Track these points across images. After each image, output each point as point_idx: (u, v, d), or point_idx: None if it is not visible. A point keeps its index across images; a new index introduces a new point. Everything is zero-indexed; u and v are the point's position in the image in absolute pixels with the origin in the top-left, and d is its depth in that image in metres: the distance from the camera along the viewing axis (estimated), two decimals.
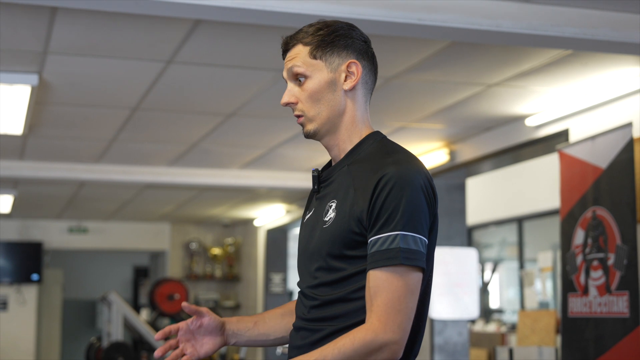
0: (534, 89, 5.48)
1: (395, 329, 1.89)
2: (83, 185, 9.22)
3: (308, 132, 2.11)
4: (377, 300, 1.90)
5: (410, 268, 1.91)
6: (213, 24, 4.28)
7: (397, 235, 1.91)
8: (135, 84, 5.39)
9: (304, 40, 2.09)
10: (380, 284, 1.90)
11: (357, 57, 2.10)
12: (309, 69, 2.07)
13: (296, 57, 2.09)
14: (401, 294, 1.90)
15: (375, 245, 1.92)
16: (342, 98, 2.09)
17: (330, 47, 2.07)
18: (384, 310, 1.89)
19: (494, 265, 10.73)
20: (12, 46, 4.65)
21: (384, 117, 6.29)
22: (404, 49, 4.72)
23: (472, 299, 7.29)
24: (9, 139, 6.85)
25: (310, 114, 2.09)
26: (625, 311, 4.78)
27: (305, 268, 2.10)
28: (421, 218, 1.95)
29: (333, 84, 2.08)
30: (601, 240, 5.03)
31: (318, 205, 2.11)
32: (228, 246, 13.33)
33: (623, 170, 4.90)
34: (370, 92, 2.16)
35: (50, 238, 12.67)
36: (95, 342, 9.59)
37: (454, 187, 7.58)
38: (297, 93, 2.10)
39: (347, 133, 2.11)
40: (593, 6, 4.01)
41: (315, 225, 2.09)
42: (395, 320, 1.89)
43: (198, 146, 7.30)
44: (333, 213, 2.02)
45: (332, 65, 2.07)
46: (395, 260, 1.90)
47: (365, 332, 1.89)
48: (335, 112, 2.09)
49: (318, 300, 2.03)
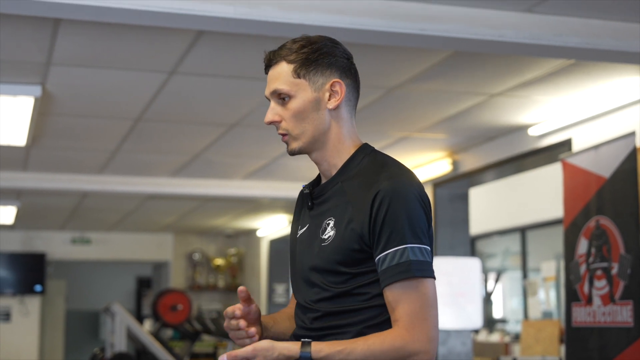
0: (536, 98, 5.48)
1: (424, 338, 1.91)
2: (86, 196, 9.22)
3: (292, 150, 2.13)
4: (399, 312, 1.92)
5: (423, 279, 1.93)
6: (215, 35, 4.28)
7: (405, 248, 1.92)
8: (138, 94, 5.39)
9: (287, 58, 2.07)
10: (399, 297, 1.92)
11: (341, 75, 2.09)
12: (292, 89, 2.07)
13: (279, 76, 2.08)
14: (423, 304, 1.93)
15: (386, 262, 1.93)
16: (327, 116, 2.09)
17: (314, 66, 2.06)
18: (409, 321, 1.91)
19: (497, 275, 10.71)
20: (15, 58, 4.66)
21: (387, 127, 6.29)
22: (407, 59, 4.72)
23: (475, 308, 7.28)
24: (12, 150, 6.86)
25: (294, 133, 2.09)
26: (629, 321, 4.77)
27: (304, 283, 2.11)
28: (422, 228, 1.97)
29: (317, 103, 2.07)
30: (605, 250, 5.01)
31: (313, 222, 2.12)
32: (231, 257, 13.32)
33: (626, 179, 4.89)
34: (354, 108, 2.15)
35: (53, 249, 12.67)
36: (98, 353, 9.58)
37: (456, 197, 7.57)
38: (280, 112, 2.09)
39: (335, 149, 2.11)
40: (595, 16, 4.01)
41: (312, 243, 2.09)
42: (422, 330, 1.91)
43: (201, 157, 7.30)
44: (332, 231, 2.03)
45: (316, 84, 2.07)
46: (408, 273, 1.91)
47: (394, 338, 1.90)
48: (319, 130, 2.09)
49: (320, 312, 2.04)
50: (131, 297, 15.83)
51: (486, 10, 3.90)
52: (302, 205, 2.22)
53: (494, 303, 10.73)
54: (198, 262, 13.21)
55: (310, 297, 2.07)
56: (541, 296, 9.26)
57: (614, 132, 5.25)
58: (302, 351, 1.89)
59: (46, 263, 12.56)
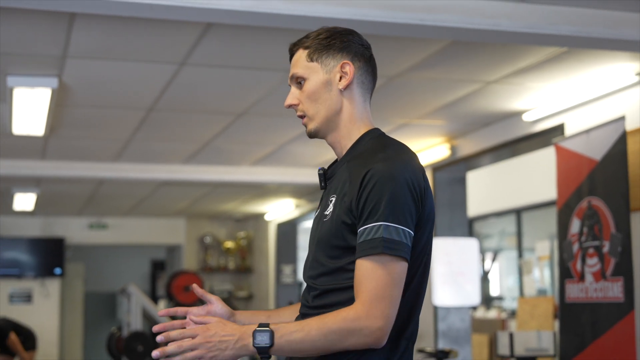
0: (531, 85, 5.46)
1: (378, 315, 1.88)
2: (102, 183, 9.23)
3: (310, 131, 2.16)
4: (362, 287, 1.90)
5: (393, 258, 1.90)
6: (224, 27, 4.27)
7: (380, 225, 1.90)
8: (150, 85, 5.39)
9: (304, 45, 2.13)
10: (365, 272, 1.90)
11: (352, 58, 2.11)
12: (306, 72, 2.11)
13: (296, 62, 2.14)
14: (385, 283, 1.89)
15: (362, 236, 1.92)
16: (338, 97, 2.11)
17: (326, 50, 2.10)
18: (368, 297, 1.88)
19: (494, 255, 10.71)
20: (33, 51, 4.66)
21: (388, 114, 6.28)
22: (406, 49, 4.71)
23: (473, 287, 7.28)
24: (31, 140, 6.86)
25: (309, 113, 2.13)
26: (619, 296, 4.77)
27: (309, 260, 2.12)
28: (404, 211, 1.93)
29: (329, 84, 2.10)
30: (596, 229, 5.01)
31: (323, 201, 2.14)
32: (240, 240, 13.34)
33: (617, 161, 4.89)
34: (369, 91, 2.16)
35: (71, 234, 12.70)
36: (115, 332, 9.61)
37: (455, 181, 7.56)
38: (298, 95, 2.14)
39: (347, 130, 2.12)
40: (587, 5, 3.99)
41: (319, 220, 2.10)
42: (378, 307, 1.88)
43: (211, 144, 7.30)
44: (332, 207, 2.04)
45: (327, 67, 2.10)
46: (377, 249, 1.89)
47: (348, 312, 1.88)
48: (332, 110, 2.11)
49: (318, 290, 2.04)
50: (146, 279, 15.87)
51: (482, 0, 3.89)
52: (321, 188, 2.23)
53: (491, 281, 10.74)
54: (209, 245, 13.23)
55: (312, 273, 2.07)
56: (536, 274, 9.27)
57: (604, 117, 5.24)
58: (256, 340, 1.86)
59: (65, 247, 12.58)
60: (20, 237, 12.36)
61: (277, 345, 1.87)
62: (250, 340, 1.87)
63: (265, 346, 1.86)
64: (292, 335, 1.87)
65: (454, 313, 7.38)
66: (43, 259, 12.45)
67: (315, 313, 2.01)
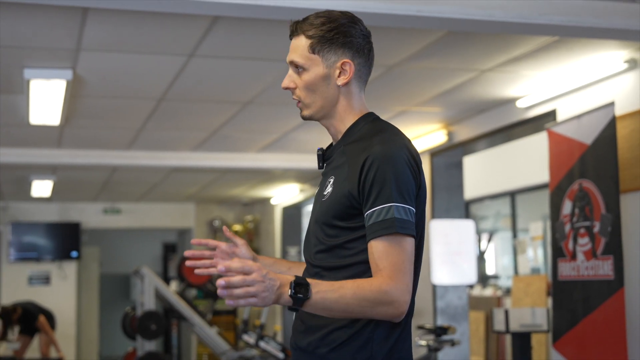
0: (524, 73, 5.45)
1: (405, 289, 1.90)
2: (116, 170, 9.24)
3: (304, 117, 2.15)
4: (383, 263, 1.91)
5: (404, 236, 1.92)
6: (230, 20, 4.26)
7: (390, 206, 1.92)
8: (161, 76, 5.38)
9: (307, 33, 2.08)
10: (383, 250, 1.91)
11: (353, 55, 2.08)
12: (307, 62, 2.08)
13: (297, 48, 2.09)
14: (404, 259, 1.92)
15: (372, 217, 1.93)
16: (336, 91, 2.09)
17: (329, 45, 2.06)
18: (392, 271, 1.90)
19: (490, 236, 10.71)
20: (48, 45, 4.65)
21: (387, 102, 6.27)
22: (404, 39, 4.70)
23: (470, 266, 7.30)
24: (47, 130, 6.87)
25: (305, 102, 2.11)
26: (610, 274, 4.78)
27: (309, 238, 2.12)
28: (409, 190, 1.95)
29: (327, 78, 2.08)
30: (587, 210, 5.01)
31: (322, 181, 2.14)
32: (248, 223, 13.35)
33: (607, 145, 4.88)
34: (365, 82, 2.15)
35: (87, 219, 12.72)
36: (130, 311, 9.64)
37: (452, 165, 7.56)
38: (295, 79, 2.11)
39: (341, 118, 2.12)
40: None
41: (318, 200, 2.11)
42: (403, 281, 1.90)
43: (219, 132, 7.30)
44: (330, 188, 2.04)
45: (328, 61, 2.07)
46: (391, 229, 1.90)
47: (381, 282, 1.89)
48: (328, 102, 2.10)
49: (318, 267, 2.05)
50: (158, 261, 15.90)
51: None
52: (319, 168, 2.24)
53: (487, 261, 10.74)
54: (218, 228, 13.24)
55: (311, 250, 2.08)
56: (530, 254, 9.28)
57: (594, 103, 5.23)
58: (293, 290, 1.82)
59: (81, 231, 12.60)
60: (38, 222, 12.38)
61: (312, 300, 1.84)
62: (287, 289, 1.82)
63: (300, 298, 1.82)
64: (327, 294, 1.85)
65: (452, 291, 7.40)
66: (60, 243, 12.48)
67: None
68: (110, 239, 15.14)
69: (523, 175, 9.26)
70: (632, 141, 4.90)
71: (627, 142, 4.92)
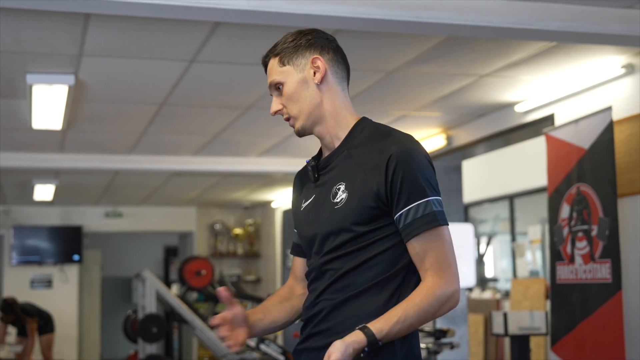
0: (522, 78, 5.46)
1: (453, 279, 1.96)
2: (117, 174, 9.24)
3: (298, 130, 2.15)
4: (429, 260, 1.95)
5: (444, 227, 1.97)
6: (231, 26, 4.27)
7: (427, 201, 1.96)
8: (162, 81, 5.39)
9: (274, 53, 2.14)
10: (427, 246, 1.95)
11: (321, 52, 2.11)
12: (282, 76, 2.11)
13: (271, 70, 2.14)
14: (447, 250, 1.96)
15: (409, 215, 1.95)
16: (317, 91, 2.10)
17: (294, 51, 2.10)
18: (438, 267, 1.95)
19: (489, 239, 10.72)
20: (50, 50, 4.66)
21: (387, 107, 6.28)
22: (404, 45, 4.71)
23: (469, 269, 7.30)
24: (50, 134, 6.87)
25: (293, 113, 2.12)
26: (607, 277, 4.78)
27: (318, 249, 2.09)
28: (435, 182, 2.01)
29: (305, 82, 2.10)
30: (585, 214, 5.02)
31: (320, 192, 2.11)
32: (249, 226, 13.35)
33: (604, 150, 4.89)
34: (344, 80, 2.16)
35: (89, 222, 12.72)
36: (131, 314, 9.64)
37: (451, 169, 7.57)
38: (280, 100, 2.14)
39: (334, 120, 2.12)
40: (575, 2, 3.99)
41: (320, 210, 2.08)
42: (449, 273, 1.96)
43: (220, 137, 7.31)
44: (344, 194, 2.02)
45: (299, 66, 2.10)
46: (434, 222, 1.95)
47: (434, 288, 1.94)
48: (313, 105, 2.10)
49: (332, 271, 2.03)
50: (159, 264, 15.90)
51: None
52: (304, 180, 2.22)
53: (486, 264, 10.75)
54: (219, 231, 13.24)
55: (326, 258, 2.05)
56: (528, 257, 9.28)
57: (592, 108, 5.24)
58: (367, 338, 1.88)
59: (83, 235, 12.60)
60: (40, 225, 12.39)
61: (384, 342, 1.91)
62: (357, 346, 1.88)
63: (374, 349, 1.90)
64: (397, 334, 1.92)
65: None
66: (62, 247, 12.48)
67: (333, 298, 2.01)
68: (112, 243, 15.14)
69: (521, 179, 9.26)
70: (629, 145, 4.91)
71: (624, 146, 4.93)
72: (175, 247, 15.28)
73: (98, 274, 14.31)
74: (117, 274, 15.49)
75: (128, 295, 15.71)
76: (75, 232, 12.53)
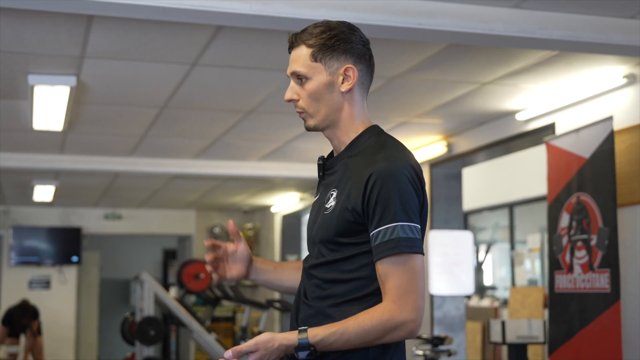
0: (523, 86, 5.46)
1: (409, 309, 1.90)
2: (117, 176, 9.24)
3: (308, 127, 2.11)
4: (388, 285, 1.91)
5: (410, 254, 1.91)
6: (233, 30, 4.28)
7: (395, 226, 1.90)
8: (164, 84, 5.39)
9: (307, 42, 2.05)
10: (388, 271, 1.91)
11: (355, 61, 2.06)
12: (309, 71, 2.05)
13: (298, 58, 2.06)
14: (410, 277, 1.90)
15: (378, 238, 1.92)
16: (340, 98, 2.07)
17: (330, 52, 2.04)
18: (397, 293, 1.90)
19: (488, 247, 10.72)
20: (52, 51, 4.66)
21: (388, 113, 6.28)
22: (406, 51, 4.71)
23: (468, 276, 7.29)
24: (50, 135, 6.87)
25: (310, 111, 2.08)
26: (606, 287, 4.77)
27: (310, 249, 2.11)
28: (412, 207, 1.94)
29: (331, 86, 2.05)
30: (585, 223, 5.01)
31: (322, 191, 2.12)
32: (248, 230, 13.35)
33: (604, 159, 4.89)
34: (366, 90, 2.13)
35: (88, 224, 12.72)
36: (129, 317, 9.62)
37: (451, 176, 7.56)
38: (298, 91, 2.08)
39: (345, 128, 2.09)
40: (577, 11, 3.99)
41: (318, 211, 2.09)
42: (408, 301, 1.90)
43: (220, 140, 7.31)
44: (333, 202, 2.02)
45: (331, 68, 2.04)
46: (397, 249, 1.90)
47: (382, 311, 1.90)
48: (332, 110, 2.07)
49: (316, 279, 2.04)
50: (158, 267, 15.89)
51: (478, 6, 3.89)
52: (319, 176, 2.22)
53: (485, 272, 10.74)
54: (218, 235, 13.23)
55: (311, 262, 2.07)
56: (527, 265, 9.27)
57: (593, 117, 5.24)
58: (299, 338, 1.90)
59: (82, 237, 12.59)
60: (40, 226, 12.38)
61: (320, 352, 1.92)
62: (288, 343, 1.91)
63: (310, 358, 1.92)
64: (332, 345, 1.91)
65: (449, 301, 7.39)
66: (61, 248, 12.48)
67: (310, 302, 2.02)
68: (110, 245, 15.13)
69: (521, 187, 9.26)
70: (630, 155, 4.91)
71: (625, 156, 4.93)
72: (174, 250, 15.27)
73: (96, 275, 14.30)
74: (115, 276, 15.47)
75: (126, 298, 15.69)
76: (75, 234, 12.53)
